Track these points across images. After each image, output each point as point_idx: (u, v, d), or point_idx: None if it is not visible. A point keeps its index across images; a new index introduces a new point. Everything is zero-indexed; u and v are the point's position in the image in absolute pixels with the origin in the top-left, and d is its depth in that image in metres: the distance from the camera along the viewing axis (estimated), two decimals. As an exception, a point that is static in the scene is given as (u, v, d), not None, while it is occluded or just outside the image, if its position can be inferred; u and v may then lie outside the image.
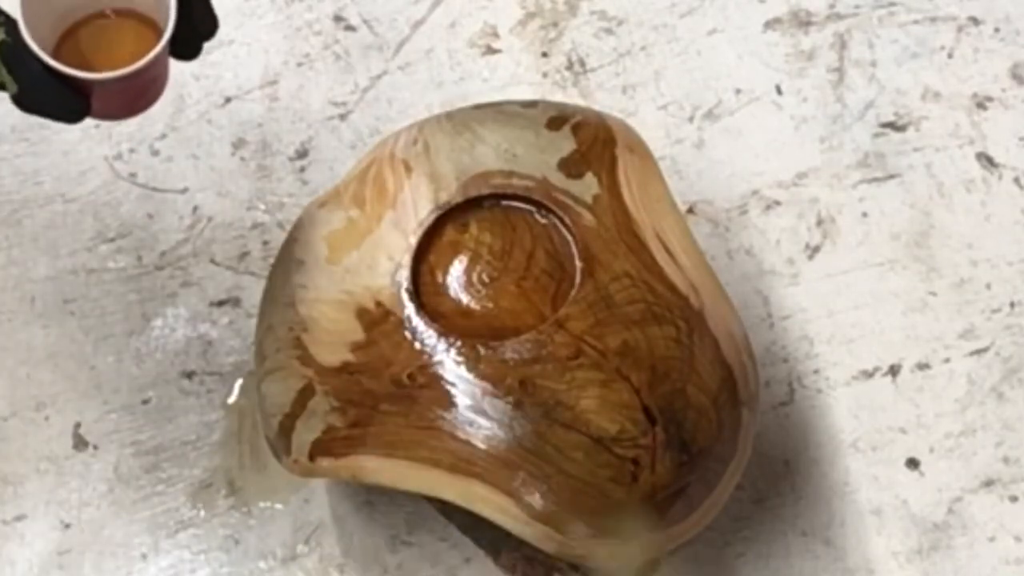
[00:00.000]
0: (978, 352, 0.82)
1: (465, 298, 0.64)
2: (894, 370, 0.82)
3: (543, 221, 0.66)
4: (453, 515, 0.74)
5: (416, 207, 0.65)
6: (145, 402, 0.80)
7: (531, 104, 0.72)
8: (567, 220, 0.65)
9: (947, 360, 0.82)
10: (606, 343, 0.61)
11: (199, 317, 0.83)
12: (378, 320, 0.63)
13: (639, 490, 0.60)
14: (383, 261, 0.64)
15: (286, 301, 0.66)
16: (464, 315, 0.63)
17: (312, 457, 0.63)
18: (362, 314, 0.63)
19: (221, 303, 0.83)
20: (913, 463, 0.79)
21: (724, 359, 0.64)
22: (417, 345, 0.61)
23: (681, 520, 0.63)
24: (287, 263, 0.68)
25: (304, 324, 0.64)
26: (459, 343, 0.61)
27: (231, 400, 0.80)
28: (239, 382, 0.81)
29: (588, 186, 0.66)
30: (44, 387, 0.81)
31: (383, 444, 0.61)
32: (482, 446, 0.59)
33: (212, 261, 0.85)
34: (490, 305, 0.63)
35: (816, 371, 0.81)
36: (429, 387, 0.60)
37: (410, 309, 0.62)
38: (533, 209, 0.66)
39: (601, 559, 0.63)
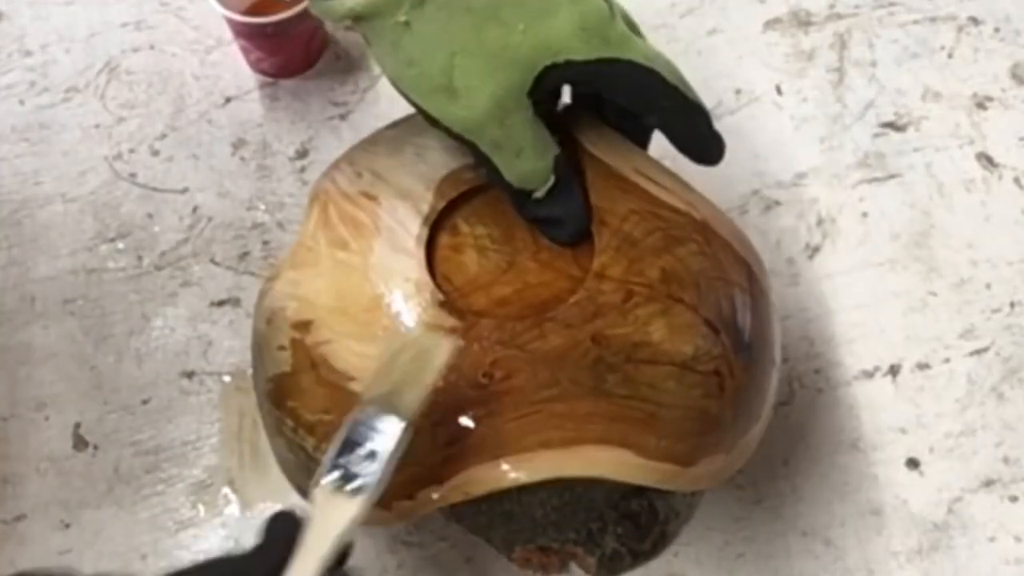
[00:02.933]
0: (978, 352, 0.82)
1: (494, 290, 0.63)
2: (894, 370, 0.82)
3: None
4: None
5: (404, 225, 0.64)
6: (145, 402, 0.80)
7: None
8: None
9: (947, 360, 0.82)
10: (648, 276, 0.61)
11: (199, 317, 0.83)
12: None
13: (729, 398, 0.62)
14: (400, 284, 0.63)
15: (313, 361, 0.63)
16: (502, 304, 0.63)
17: (412, 495, 0.61)
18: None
19: (221, 303, 0.83)
20: (913, 463, 0.79)
21: (741, 257, 0.65)
22: (477, 346, 0.60)
23: (758, 420, 0.65)
24: (283, 334, 0.64)
25: (348, 375, 0.62)
26: (519, 326, 0.60)
27: (230, 400, 0.80)
28: (237, 381, 0.81)
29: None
30: (44, 387, 0.81)
31: (488, 449, 0.60)
32: (582, 411, 0.59)
33: (212, 261, 0.85)
34: (520, 286, 0.63)
35: (816, 371, 0.81)
36: (509, 377, 0.59)
37: (453, 318, 0.62)
38: None
39: (716, 479, 0.63)
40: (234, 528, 0.77)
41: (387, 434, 0.54)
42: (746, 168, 0.88)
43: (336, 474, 0.54)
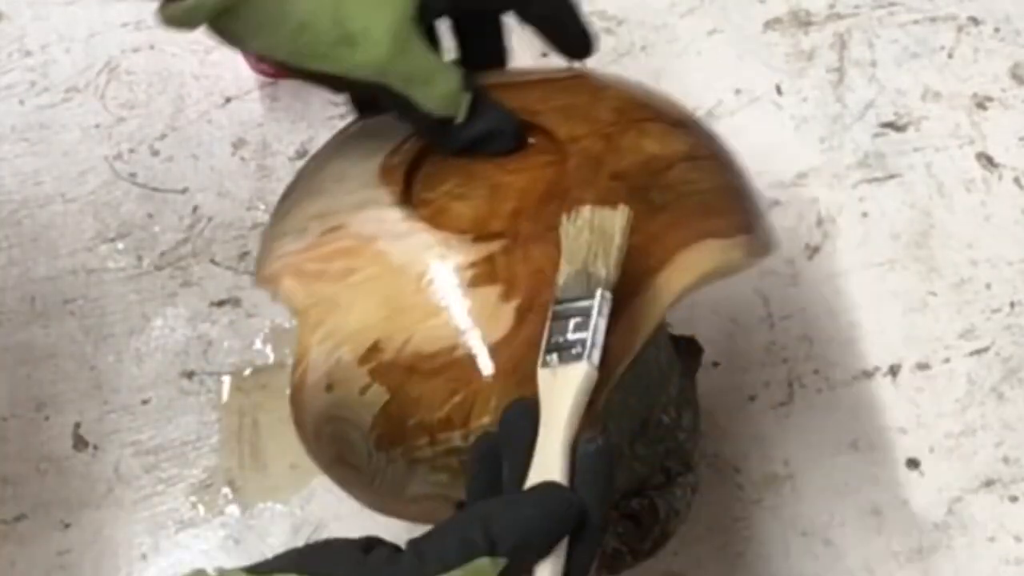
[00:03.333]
0: (978, 352, 0.82)
1: (499, 212, 0.62)
2: (894, 370, 0.81)
3: None
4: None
5: (385, 219, 0.61)
6: (145, 402, 0.80)
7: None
8: None
9: (947, 360, 0.82)
10: (607, 117, 0.64)
11: (199, 317, 0.83)
12: (497, 274, 0.60)
13: (736, 172, 0.67)
14: (429, 254, 0.60)
15: (407, 367, 0.60)
16: (517, 213, 0.62)
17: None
18: (484, 279, 0.60)
19: (221, 303, 0.83)
20: (913, 463, 0.79)
21: (642, 83, 0.71)
22: (533, 246, 0.59)
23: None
24: (357, 377, 0.61)
25: (449, 345, 0.59)
26: (551, 209, 0.60)
27: (230, 400, 0.80)
28: (237, 381, 0.81)
29: None
30: (44, 387, 0.81)
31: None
32: (652, 231, 0.60)
33: (212, 261, 0.85)
34: (517, 196, 0.63)
35: (816, 371, 0.81)
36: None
37: (497, 241, 0.60)
38: None
39: (773, 246, 0.66)
40: (234, 528, 0.77)
41: (591, 305, 0.55)
42: (746, 168, 0.88)
43: (553, 355, 0.54)
